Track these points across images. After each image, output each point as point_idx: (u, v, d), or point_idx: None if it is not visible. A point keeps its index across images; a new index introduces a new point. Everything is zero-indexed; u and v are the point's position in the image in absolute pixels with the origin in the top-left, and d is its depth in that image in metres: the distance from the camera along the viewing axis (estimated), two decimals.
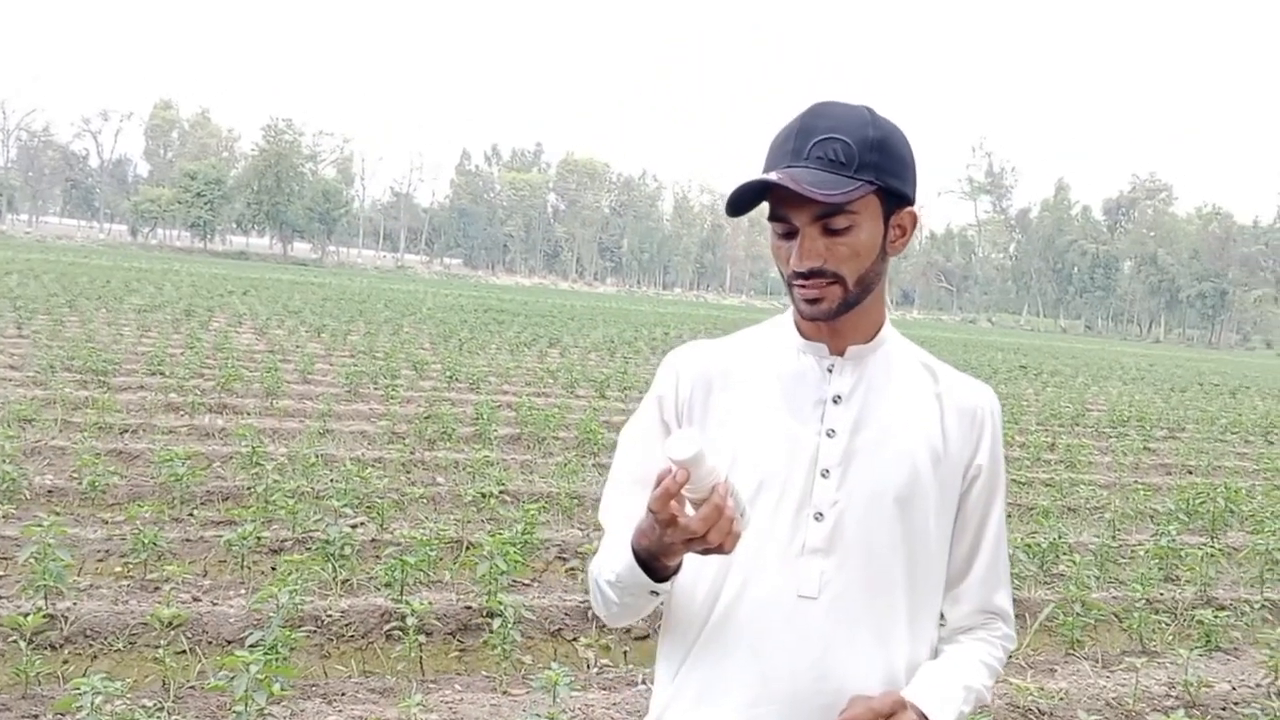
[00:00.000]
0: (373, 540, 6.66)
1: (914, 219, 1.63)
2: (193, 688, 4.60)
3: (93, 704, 3.72)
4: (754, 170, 1.59)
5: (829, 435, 1.61)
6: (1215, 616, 6.28)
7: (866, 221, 1.56)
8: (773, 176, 1.50)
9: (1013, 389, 22.86)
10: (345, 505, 7.13)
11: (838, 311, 1.59)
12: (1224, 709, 5.16)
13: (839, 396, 1.63)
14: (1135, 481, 11.42)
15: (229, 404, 11.40)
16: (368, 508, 7.33)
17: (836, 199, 1.50)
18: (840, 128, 1.54)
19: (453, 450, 9.98)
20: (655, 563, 1.49)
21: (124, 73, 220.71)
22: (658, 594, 1.54)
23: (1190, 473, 12.82)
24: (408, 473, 8.93)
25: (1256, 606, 6.68)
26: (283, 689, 3.96)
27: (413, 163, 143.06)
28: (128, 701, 4.09)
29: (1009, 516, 8.93)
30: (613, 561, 1.57)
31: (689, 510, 1.40)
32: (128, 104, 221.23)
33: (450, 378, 15.30)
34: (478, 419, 11.05)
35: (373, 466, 8.54)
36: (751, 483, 1.58)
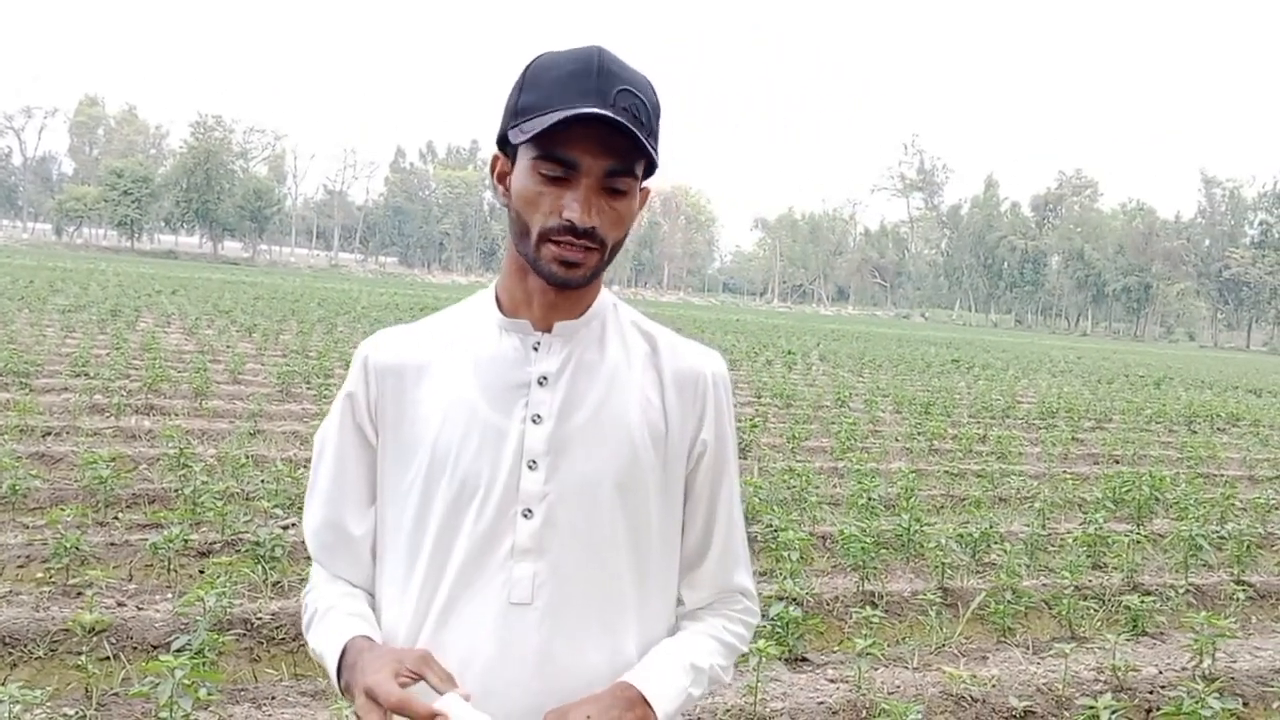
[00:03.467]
0: (304, 542, 6.54)
1: (648, 194, 1.52)
2: (116, 695, 4.48)
3: (11, 713, 3.61)
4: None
5: (534, 421, 1.46)
6: (1142, 602, 6.40)
7: (634, 191, 1.44)
8: (607, 113, 1.34)
9: (945, 382, 23.18)
10: (276, 506, 7.02)
11: (587, 281, 1.44)
12: (1151, 692, 5.26)
13: (545, 378, 1.47)
14: (1064, 471, 11.62)
15: (156, 405, 11.16)
16: (299, 509, 7.20)
17: (649, 155, 1.39)
18: (637, 84, 1.41)
19: None
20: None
21: (48, 68, 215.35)
22: None
23: (1117, 462, 13.09)
24: None
25: (1181, 591, 6.83)
26: (210, 694, 3.88)
27: (346, 160, 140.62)
28: (48, 710, 3.98)
29: (942, 509, 9.09)
30: (318, 639, 1.50)
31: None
32: (52, 100, 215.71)
33: None
34: None
35: (305, 467, 8.40)
36: (452, 485, 1.45)
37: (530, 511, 1.44)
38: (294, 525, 7.01)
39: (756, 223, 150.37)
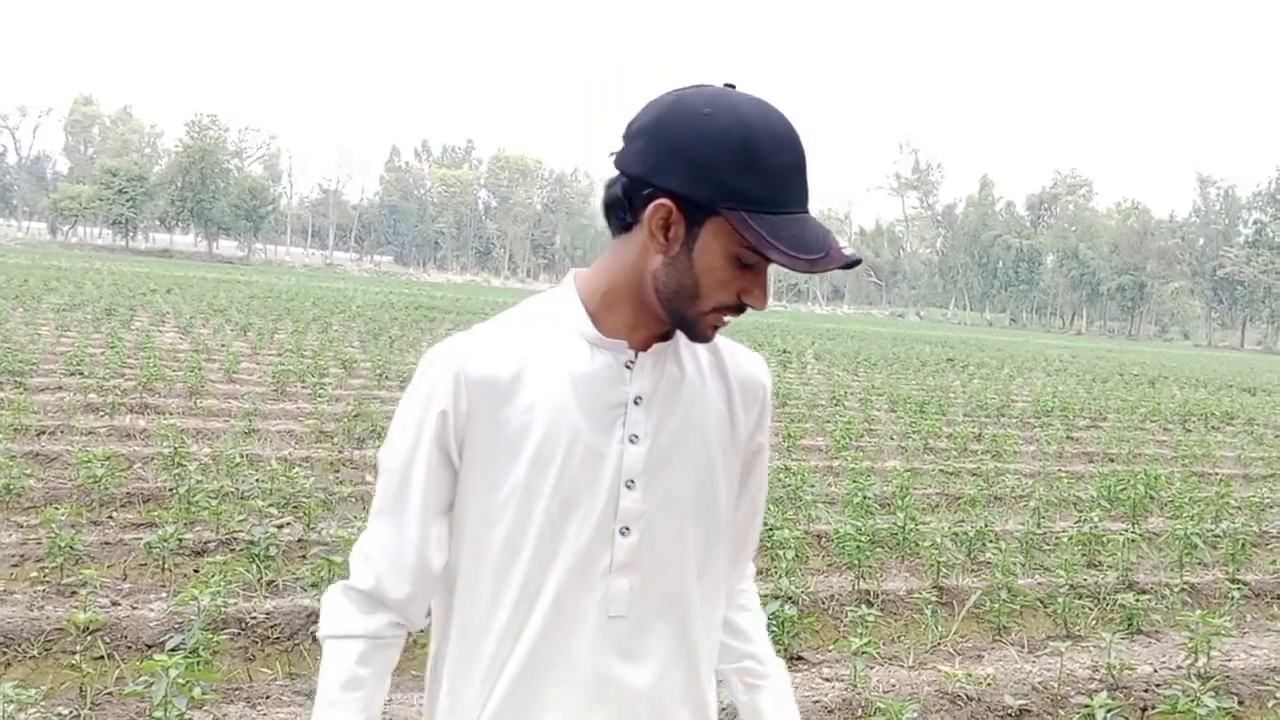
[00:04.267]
0: (299, 540, 6.55)
1: None
2: (110, 694, 4.47)
3: (5, 712, 3.60)
4: None
5: (632, 441, 1.48)
6: (1137, 600, 6.41)
7: None
8: (849, 251, 1.37)
9: (940, 381, 23.20)
10: (270, 505, 7.00)
11: None
12: (1146, 690, 5.27)
13: (639, 398, 1.48)
14: (1059, 470, 11.64)
15: (151, 404, 11.14)
16: (294, 508, 7.20)
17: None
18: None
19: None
20: None
21: (43, 67, 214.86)
22: None
23: (1112, 461, 13.11)
24: (336, 472, 8.79)
25: (1176, 590, 6.84)
26: (204, 693, 3.87)
27: (341, 159, 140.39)
28: (42, 709, 3.97)
29: (937, 508, 9.10)
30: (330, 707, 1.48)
31: None
32: (46, 99, 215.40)
33: (380, 375, 15.12)
34: None
35: (300, 466, 8.40)
36: (553, 503, 1.46)
37: (628, 529, 1.48)
38: (288, 525, 7.00)
39: None
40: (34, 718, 3.87)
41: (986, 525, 7.68)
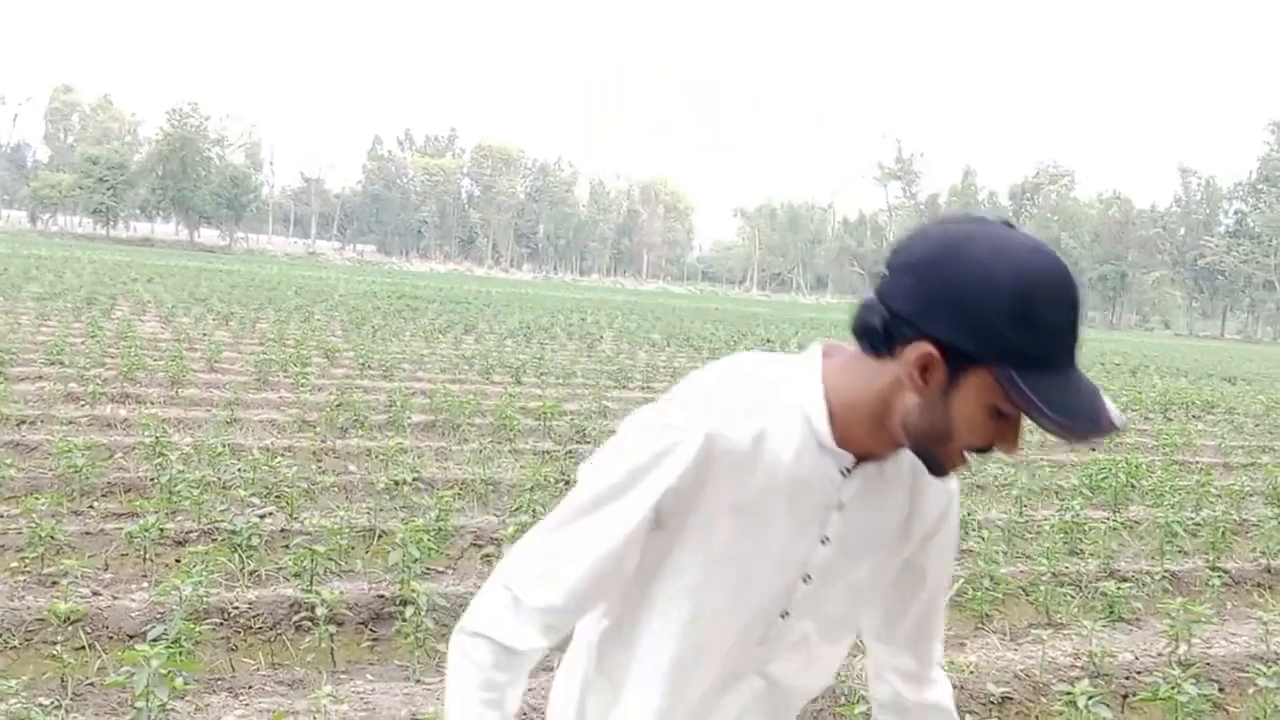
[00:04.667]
0: (282, 530, 6.52)
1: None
2: (92, 684, 4.45)
3: None
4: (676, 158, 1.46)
5: (824, 543, 1.49)
6: (1118, 588, 6.45)
7: None
8: (1117, 418, 1.32)
9: None
10: (253, 495, 6.96)
11: None
12: (1128, 678, 5.30)
13: (843, 504, 1.49)
14: (1041, 459, 11.68)
15: (132, 393, 11.07)
16: (276, 497, 7.16)
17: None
18: None
19: (365, 438, 9.81)
20: None
21: (21, 55, 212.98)
22: None
23: (1093, 449, 13.17)
24: (318, 461, 8.76)
25: (1157, 578, 6.88)
26: (186, 683, 3.86)
27: (323, 148, 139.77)
28: (23, 700, 3.94)
29: None
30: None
31: None
32: (26, 87, 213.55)
33: (363, 365, 15.06)
34: (391, 406, 10.89)
35: (282, 455, 8.35)
36: (733, 581, 1.48)
37: (788, 613, 1.53)
38: (271, 514, 6.97)
39: (735, 211, 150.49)
40: (14, 709, 3.84)
41: (969, 514, 7.70)
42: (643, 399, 12.64)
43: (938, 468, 1.44)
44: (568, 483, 7.08)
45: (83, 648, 4.73)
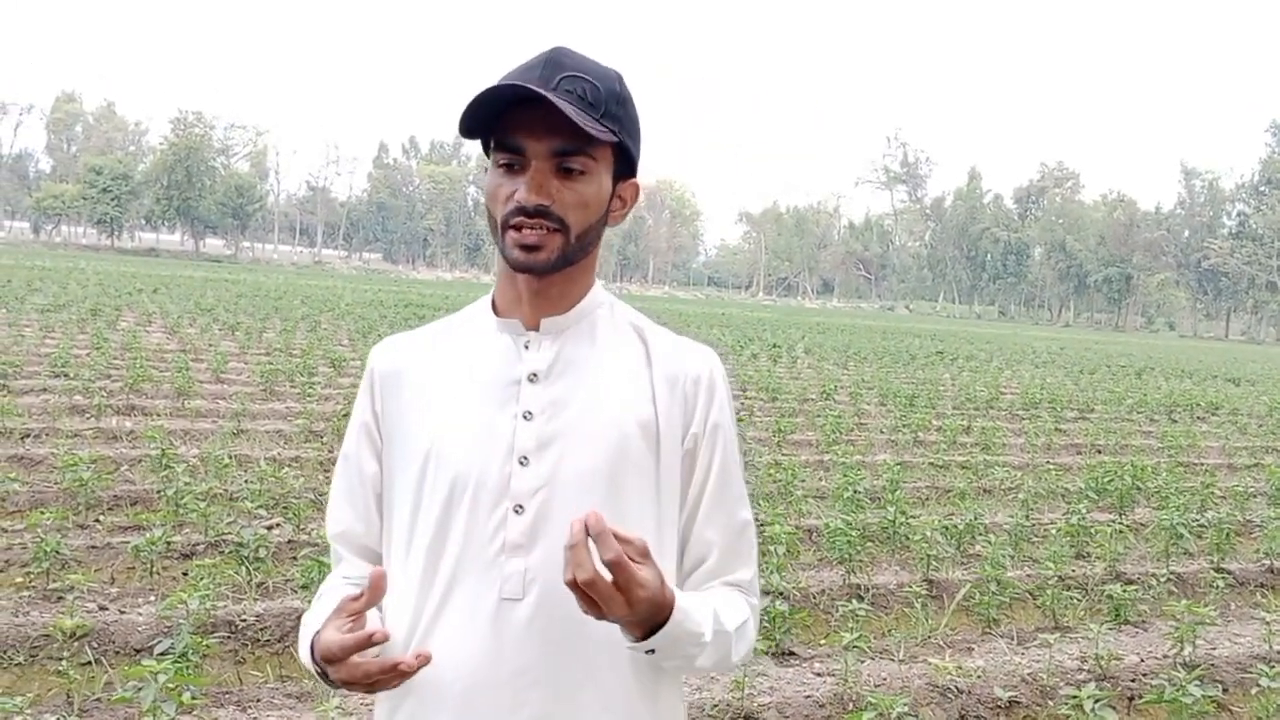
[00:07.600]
0: (289, 542, 6.53)
1: (636, 191, 1.55)
2: (99, 700, 4.45)
3: None
4: None
5: (525, 418, 1.47)
6: (1124, 591, 6.44)
7: (600, 174, 1.47)
8: (534, 87, 1.38)
9: (930, 374, 23.24)
10: (260, 506, 6.98)
11: (554, 265, 1.46)
12: (1133, 680, 5.29)
13: (535, 374, 1.49)
14: (1047, 462, 11.67)
15: (138, 405, 11.09)
16: (284, 509, 7.17)
17: (591, 131, 1.39)
18: (590, 72, 1.45)
19: None
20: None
21: (24, 64, 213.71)
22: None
23: (1099, 452, 13.15)
24: (325, 472, 8.76)
25: (1162, 580, 6.88)
26: (194, 697, 3.86)
27: (329, 156, 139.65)
28: (29, 717, 3.95)
29: (927, 502, 9.11)
30: (301, 645, 1.51)
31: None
32: (28, 96, 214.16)
33: None
34: None
35: (289, 466, 8.37)
36: (444, 483, 1.47)
37: (521, 508, 1.45)
38: (278, 526, 6.99)
39: (741, 216, 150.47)
40: None
41: (976, 518, 7.70)
42: None
43: (509, 257, 1.47)
44: None
45: (89, 663, 4.73)
